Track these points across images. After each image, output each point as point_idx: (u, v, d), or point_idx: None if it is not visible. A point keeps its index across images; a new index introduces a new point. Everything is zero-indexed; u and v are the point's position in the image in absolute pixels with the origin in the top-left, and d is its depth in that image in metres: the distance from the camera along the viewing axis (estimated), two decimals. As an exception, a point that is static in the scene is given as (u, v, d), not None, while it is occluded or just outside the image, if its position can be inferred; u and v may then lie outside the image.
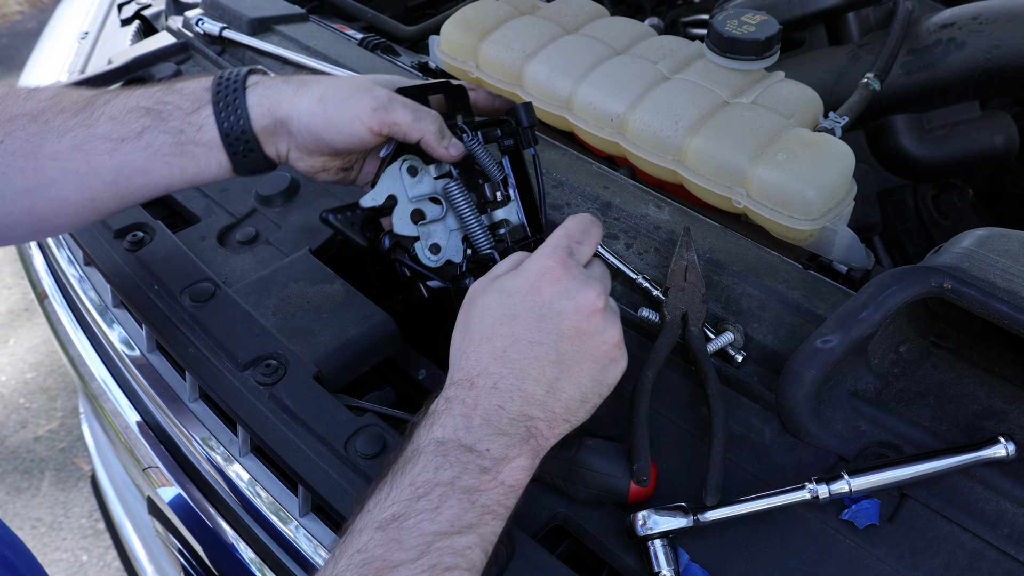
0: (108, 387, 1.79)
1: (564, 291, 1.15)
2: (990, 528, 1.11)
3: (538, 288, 1.16)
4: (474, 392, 1.11)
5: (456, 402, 1.10)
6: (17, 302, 4.64)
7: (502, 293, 1.17)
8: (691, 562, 1.12)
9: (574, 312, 1.14)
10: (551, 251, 1.20)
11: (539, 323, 1.14)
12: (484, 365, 1.12)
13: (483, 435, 1.07)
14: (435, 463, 1.04)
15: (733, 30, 1.62)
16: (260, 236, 1.64)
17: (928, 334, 1.32)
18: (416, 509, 1.00)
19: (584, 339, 1.14)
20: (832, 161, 1.45)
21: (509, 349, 1.12)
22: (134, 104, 1.30)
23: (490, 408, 1.09)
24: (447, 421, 1.08)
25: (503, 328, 1.14)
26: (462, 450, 1.05)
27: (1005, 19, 1.84)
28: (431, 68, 2.05)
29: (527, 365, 1.12)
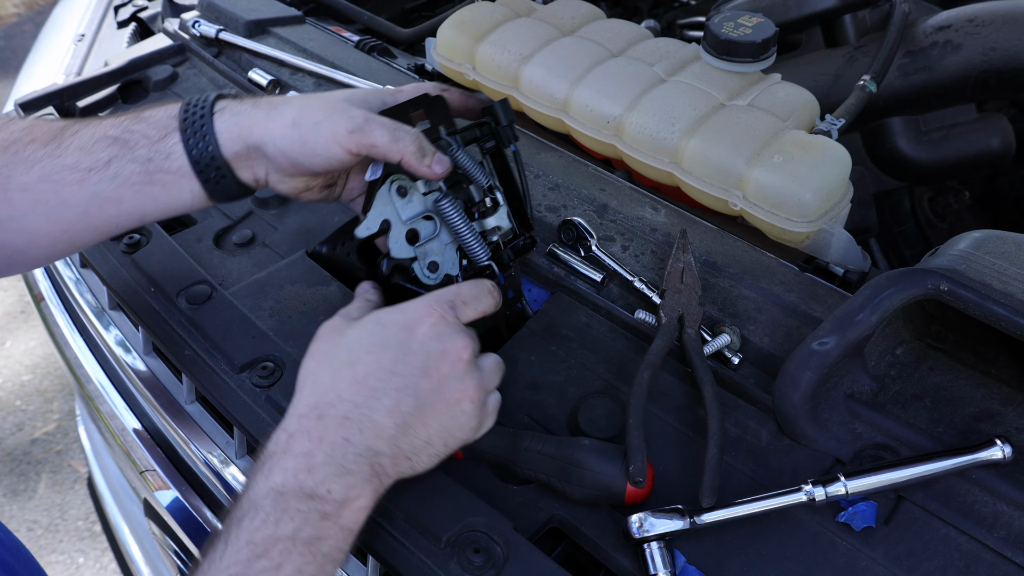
0: (104, 389, 1.79)
1: (436, 334, 1.16)
2: (986, 530, 1.12)
3: (412, 326, 1.16)
4: (321, 424, 1.09)
5: (300, 436, 1.08)
6: (13, 304, 4.64)
7: (377, 324, 1.18)
8: (688, 564, 1.12)
9: (441, 355, 1.15)
10: (435, 300, 1.20)
11: (404, 356, 1.14)
12: (339, 391, 1.11)
13: (325, 475, 1.05)
14: (275, 516, 1.02)
15: (729, 32, 1.62)
16: (256, 238, 1.64)
17: (925, 336, 1.32)
18: (255, 569, 0.99)
19: (444, 383, 1.14)
20: (828, 163, 1.45)
21: (370, 376, 1.12)
22: (101, 134, 1.27)
23: (336, 442, 1.07)
24: (287, 463, 1.06)
25: (369, 356, 1.14)
26: (302, 498, 1.03)
27: (1002, 21, 1.84)
28: (427, 70, 2.05)
29: (384, 395, 1.11)
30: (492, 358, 1.23)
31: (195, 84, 2.07)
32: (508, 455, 1.20)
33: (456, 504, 1.15)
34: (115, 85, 2.03)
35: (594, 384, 1.35)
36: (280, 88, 1.94)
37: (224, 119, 1.27)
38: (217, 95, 1.31)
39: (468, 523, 1.13)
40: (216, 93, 1.31)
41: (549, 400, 1.32)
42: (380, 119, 1.26)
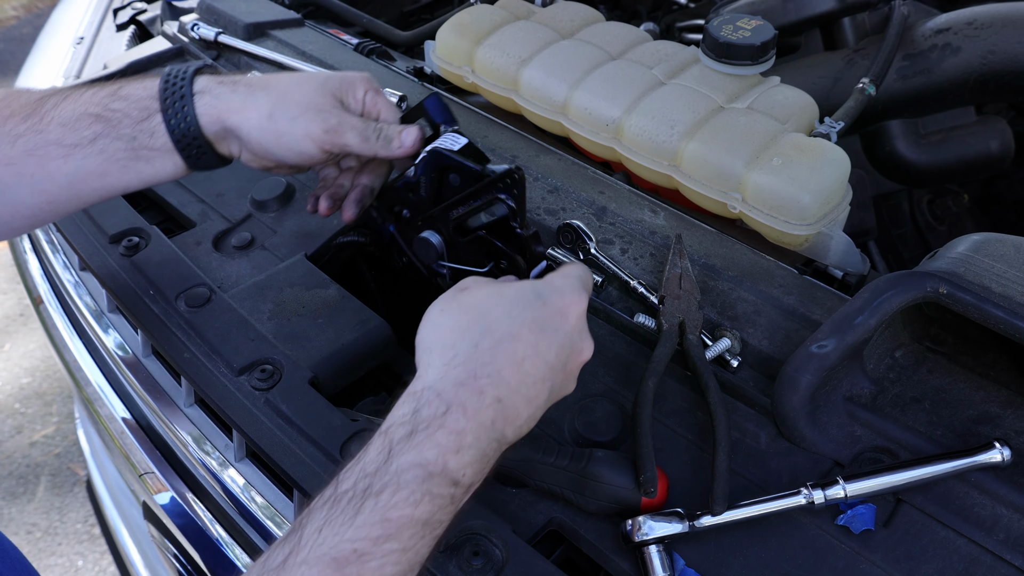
0: (104, 392, 1.79)
1: (580, 329, 1.13)
2: (985, 533, 1.12)
3: (568, 313, 1.12)
4: (479, 401, 1.02)
5: (457, 410, 1.01)
6: (12, 307, 4.64)
7: (538, 299, 1.11)
8: (687, 567, 1.12)
9: (579, 352, 1.13)
10: (581, 286, 1.17)
11: (559, 348, 1.10)
12: (499, 367, 1.05)
13: (469, 459, 1.00)
14: (416, 497, 0.96)
15: (729, 35, 1.62)
16: (256, 241, 1.64)
17: (924, 339, 1.32)
18: (383, 551, 0.93)
19: (568, 381, 1.13)
20: (827, 166, 1.45)
21: (527, 360, 1.07)
22: (82, 110, 1.29)
23: (484, 423, 1.02)
24: (440, 438, 0.99)
25: (530, 335, 1.08)
26: (446, 482, 0.98)
27: (1000, 24, 1.84)
28: (426, 73, 2.05)
29: (533, 384, 1.07)
30: None
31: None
32: (521, 467, 1.20)
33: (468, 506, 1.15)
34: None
35: (593, 387, 1.35)
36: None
37: (204, 102, 1.30)
38: (195, 70, 1.33)
39: (467, 526, 1.13)
40: (194, 68, 1.33)
41: (548, 403, 1.32)
42: (352, 120, 1.33)
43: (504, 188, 1.31)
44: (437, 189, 1.39)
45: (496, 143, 1.74)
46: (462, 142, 1.35)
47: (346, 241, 1.56)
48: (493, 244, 1.36)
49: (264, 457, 1.29)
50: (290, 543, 0.94)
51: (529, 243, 1.34)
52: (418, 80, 1.99)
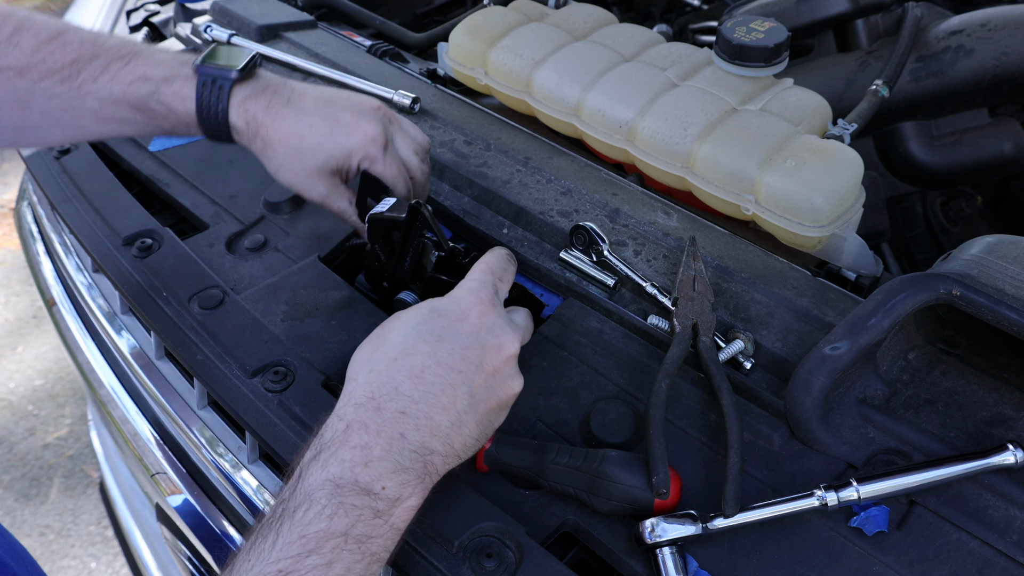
0: (117, 394, 1.79)
1: (491, 327, 1.16)
2: (999, 535, 1.11)
3: (468, 317, 1.16)
4: (379, 417, 1.07)
5: (358, 427, 1.06)
6: (25, 309, 4.65)
7: (432, 312, 1.17)
8: (700, 569, 1.12)
9: (496, 350, 1.15)
10: (480, 284, 1.21)
11: (463, 351, 1.13)
12: (396, 383, 1.10)
13: (381, 471, 1.04)
14: (329, 511, 0.99)
15: (742, 37, 1.62)
16: (269, 243, 1.64)
17: (937, 341, 1.32)
18: (306, 566, 0.96)
19: (496, 379, 1.15)
20: (841, 168, 1.44)
21: (427, 370, 1.11)
22: (121, 96, 1.36)
23: (393, 437, 1.06)
24: (344, 454, 1.04)
25: (426, 346, 1.12)
26: (358, 492, 1.02)
27: (1014, 26, 1.84)
28: (439, 75, 2.06)
29: (441, 391, 1.10)
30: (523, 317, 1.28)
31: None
32: (534, 468, 1.20)
33: (468, 509, 1.15)
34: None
35: (606, 389, 1.35)
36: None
37: (237, 114, 1.40)
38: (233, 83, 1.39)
39: (480, 528, 1.13)
40: (232, 80, 1.38)
41: (561, 405, 1.32)
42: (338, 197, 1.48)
43: (421, 225, 1.40)
44: (391, 251, 1.45)
45: (509, 145, 1.75)
46: (391, 202, 1.43)
47: (359, 243, 1.57)
48: (439, 279, 1.42)
49: (277, 459, 1.29)
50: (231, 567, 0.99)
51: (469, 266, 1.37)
52: (431, 82, 1.99)
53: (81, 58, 1.36)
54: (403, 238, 1.41)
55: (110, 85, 1.36)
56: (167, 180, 1.82)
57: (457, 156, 1.73)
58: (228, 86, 1.39)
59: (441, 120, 1.83)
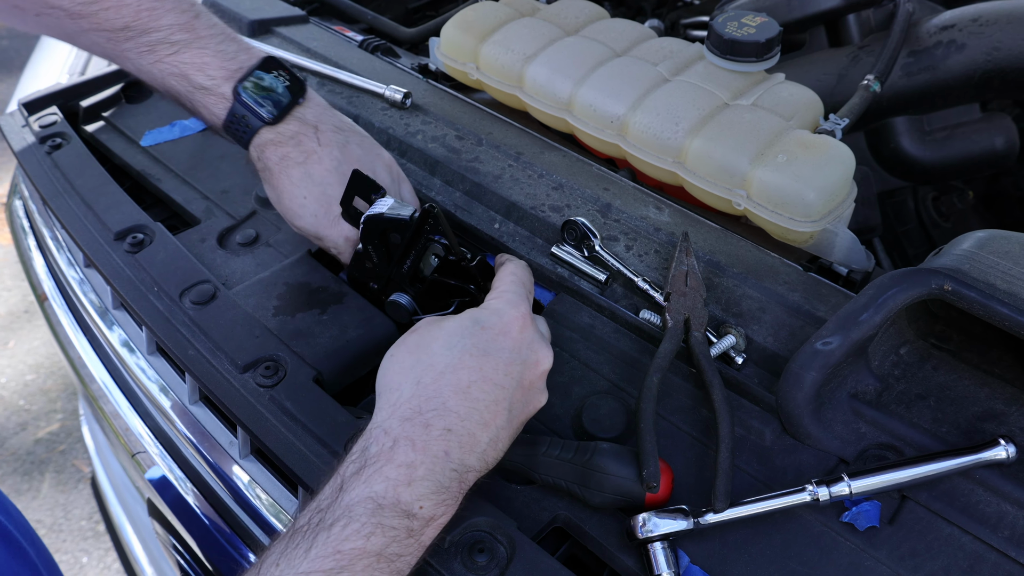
0: (108, 389, 1.79)
1: (530, 342, 1.16)
2: (990, 530, 1.11)
3: (510, 332, 1.16)
4: (427, 434, 1.06)
5: (404, 444, 1.05)
6: (17, 304, 4.64)
7: (476, 324, 1.16)
8: (691, 564, 1.12)
9: (535, 365, 1.16)
10: (517, 298, 1.21)
11: (507, 366, 1.13)
12: (444, 398, 1.09)
13: (423, 491, 1.03)
14: (367, 530, 0.98)
15: (733, 32, 1.62)
16: (260, 238, 1.64)
17: (928, 336, 1.32)
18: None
19: (531, 394, 1.16)
20: (832, 163, 1.44)
21: (474, 386, 1.10)
22: (160, 78, 1.44)
23: (437, 455, 1.05)
24: (389, 472, 1.03)
25: (472, 361, 1.12)
26: (398, 514, 1.01)
27: (1005, 21, 1.84)
28: (431, 70, 2.05)
29: (485, 408, 1.10)
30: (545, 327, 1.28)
31: None
32: (526, 461, 1.20)
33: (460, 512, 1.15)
34: (118, 85, 2.03)
35: (598, 384, 1.35)
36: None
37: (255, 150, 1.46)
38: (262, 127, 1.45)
39: (472, 523, 1.13)
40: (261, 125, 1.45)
41: (553, 400, 1.32)
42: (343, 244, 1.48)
43: (431, 229, 1.39)
44: (386, 253, 1.43)
45: (501, 140, 1.74)
46: (389, 203, 1.40)
47: None
48: (446, 283, 1.42)
49: (268, 454, 1.29)
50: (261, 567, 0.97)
51: (474, 271, 1.39)
52: (423, 77, 1.99)
53: (133, 26, 1.40)
54: (407, 241, 1.40)
55: (151, 66, 1.42)
56: (159, 175, 1.82)
57: (449, 151, 1.72)
58: (257, 127, 1.44)
59: (433, 115, 1.83)
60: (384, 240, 1.43)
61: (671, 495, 1.17)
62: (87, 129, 1.98)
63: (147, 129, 1.93)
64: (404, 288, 1.44)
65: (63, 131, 1.84)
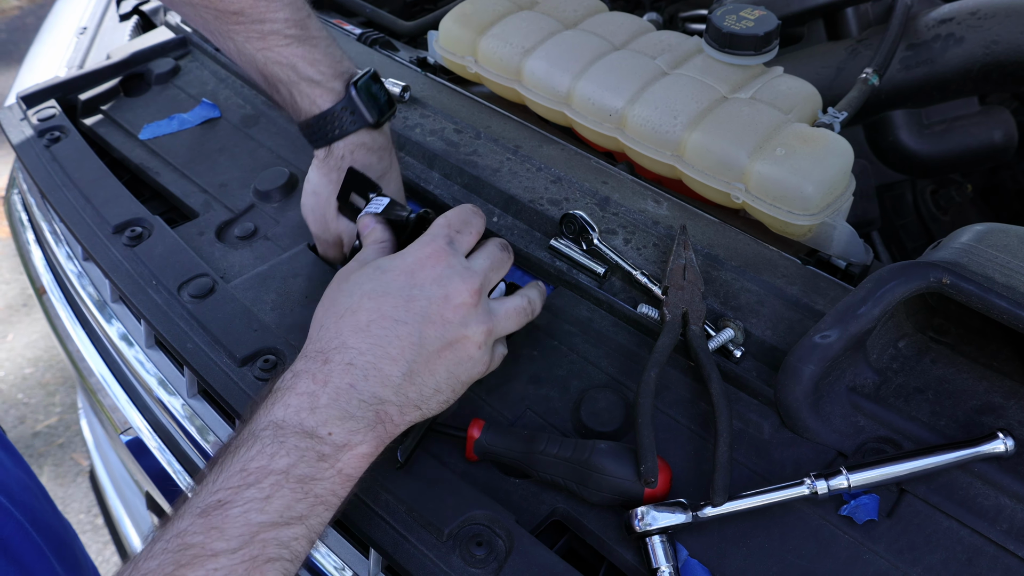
0: (107, 382, 1.79)
1: (437, 277, 1.17)
2: (989, 523, 1.11)
3: (413, 271, 1.17)
4: (327, 368, 1.09)
5: (304, 376, 1.09)
6: (15, 297, 4.64)
7: (376, 269, 1.19)
8: (690, 558, 1.12)
9: (443, 299, 1.15)
10: (431, 239, 1.22)
11: (407, 303, 1.14)
12: (343, 338, 1.12)
13: (327, 417, 1.05)
14: (271, 449, 1.02)
15: (732, 25, 1.62)
16: (258, 231, 1.64)
17: (927, 329, 1.32)
18: (244, 497, 0.98)
19: (448, 328, 1.15)
20: (831, 156, 1.45)
21: (373, 324, 1.12)
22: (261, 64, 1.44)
23: (340, 387, 1.08)
24: (290, 400, 1.07)
25: (370, 302, 1.14)
26: (301, 435, 1.04)
27: (1004, 14, 1.84)
28: (430, 63, 2.05)
29: (388, 343, 1.11)
30: (510, 303, 1.26)
31: (197, 77, 2.07)
32: (523, 459, 1.20)
33: (458, 497, 1.15)
34: (117, 78, 2.03)
35: (596, 378, 1.35)
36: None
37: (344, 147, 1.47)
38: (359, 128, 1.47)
39: (470, 516, 1.13)
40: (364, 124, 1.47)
41: (552, 394, 1.32)
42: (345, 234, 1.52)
43: None
44: None
45: (499, 133, 1.74)
46: (384, 202, 1.38)
47: None
48: None
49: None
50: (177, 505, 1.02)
51: None
52: (421, 70, 1.98)
53: (247, 13, 1.41)
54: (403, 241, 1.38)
55: (257, 52, 1.43)
56: (157, 168, 1.81)
57: (447, 144, 1.72)
58: (357, 127, 1.47)
59: (431, 108, 1.83)
60: None
61: (670, 490, 1.17)
62: (85, 122, 1.97)
63: (145, 122, 1.92)
64: None
65: (61, 124, 1.84)
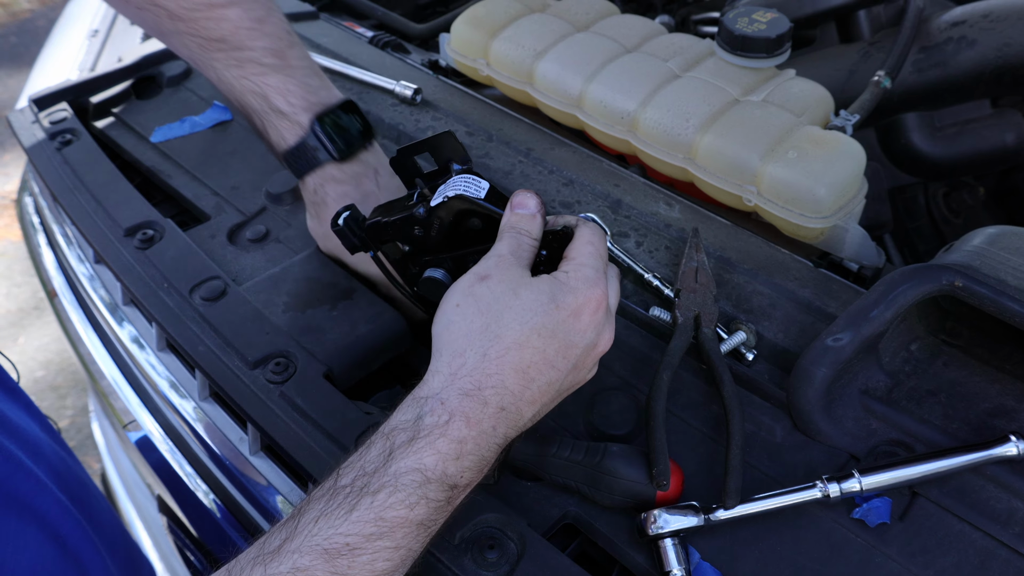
0: (118, 385, 1.79)
1: (597, 326, 1.11)
2: (1001, 526, 1.11)
3: (580, 315, 1.10)
4: (483, 412, 1.03)
5: (459, 420, 1.02)
6: (27, 300, 4.65)
7: (552, 301, 1.09)
8: (702, 561, 1.12)
9: (591, 348, 1.12)
10: (597, 275, 1.14)
11: (567, 349, 1.09)
12: (503, 377, 1.05)
13: (468, 465, 1.02)
14: (412, 500, 0.97)
15: (744, 28, 1.62)
16: (270, 234, 1.64)
17: (939, 332, 1.32)
18: (375, 547, 0.95)
19: (580, 373, 1.13)
20: (843, 159, 1.44)
21: (533, 367, 1.06)
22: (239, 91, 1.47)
23: (486, 431, 1.03)
24: (442, 447, 1.00)
25: (539, 341, 1.07)
26: (443, 487, 1.00)
27: (1017, 17, 1.84)
28: (441, 66, 2.05)
29: (537, 388, 1.07)
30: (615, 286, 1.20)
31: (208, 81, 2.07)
32: (535, 462, 1.19)
33: (470, 500, 1.14)
34: (128, 81, 2.03)
35: (608, 380, 1.35)
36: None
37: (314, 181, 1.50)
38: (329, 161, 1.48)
39: (482, 519, 1.13)
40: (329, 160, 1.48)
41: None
42: None
43: None
44: (451, 230, 1.30)
45: (511, 136, 1.74)
46: (485, 187, 1.27)
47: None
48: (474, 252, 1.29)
49: (279, 450, 1.29)
50: (287, 529, 0.96)
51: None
52: (433, 73, 1.99)
53: (228, 40, 1.44)
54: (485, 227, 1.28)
55: (233, 80, 1.46)
56: (169, 171, 1.82)
57: (459, 147, 1.72)
58: (323, 161, 1.47)
59: (443, 111, 1.83)
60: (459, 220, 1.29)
61: (682, 493, 1.17)
62: (97, 125, 1.98)
63: (157, 125, 1.92)
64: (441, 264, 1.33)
65: (73, 127, 1.85)
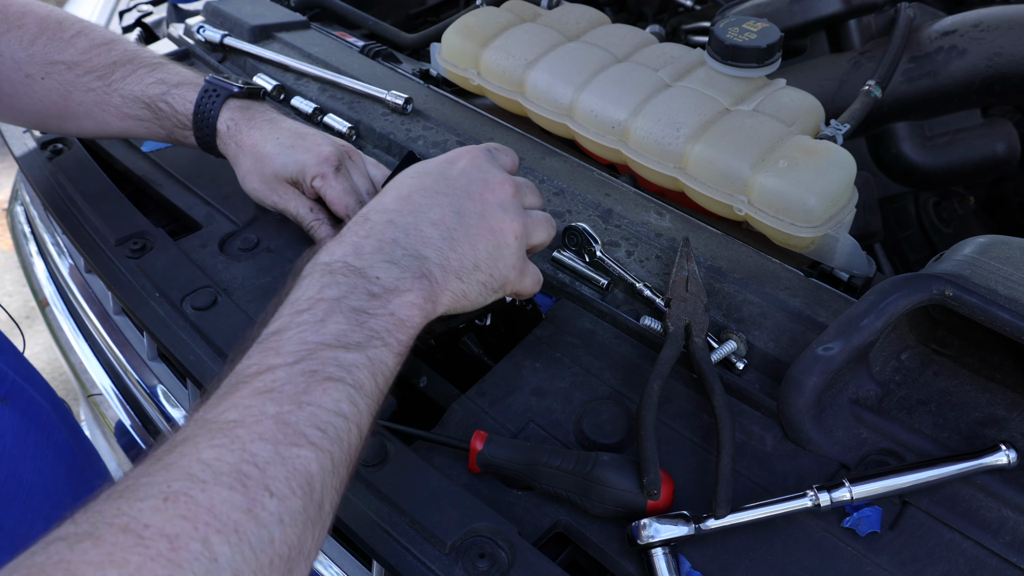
0: (109, 395, 1.78)
1: (478, 166, 1.23)
2: (991, 536, 1.11)
3: (453, 159, 1.24)
4: (367, 224, 1.14)
5: (348, 233, 1.14)
6: (18, 309, 4.64)
7: (422, 163, 1.26)
8: (692, 570, 1.11)
9: (483, 182, 1.21)
10: (470, 146, 1.29)
11: (447, 180, 1.20)
12: (384, 203, 1.18)
13: (373, 262, 1.09)
14: (320, 282, 1.05)
15: (734, 37, 1.62)
16: (261, 243, 1.64)
17: (930, 341, 1.32)
18: (297, 322, 1.01)
19: (486, 207, 1.20)
20: (833, 168, 1.45)
21: (414, 194, 1.18)
22: (140, 93, 1.58)
23: (383, 239, 1.12)
24: (335, 248, 1.11)
25: (412, 180, 1.21)
26: (350, 271, 1.07)
27: (1007, 26, 1.84)
28: (432, 76, 2.06)
29: (428, 209, 1.16)
30: (541, 213, 1.30)
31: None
32: (526, 471, 1.19)
33: (461, 509, 1.14)
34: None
35: (599, 390, 1.35)
36: (284, 93, 1.94)
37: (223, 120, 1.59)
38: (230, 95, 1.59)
39: (473, 528, 1.13)
40: (230, 93, 1.59)
41: (555, 406, 1.32)
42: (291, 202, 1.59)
43: None
44: None
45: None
46: None
47: None
48: None
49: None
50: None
51: None
52: (424, 83, 1.99)
53: (119, 61, 1.59)
54: None
55: (133, 85, 1.58)
56: (160, 180, 1.81)
57: (450, 156, 1.73)
58: (225, 96, 1.58)
59: (434, 120, 1.83)
60: None
61: (672, 502, 1.17)
62: (88, 135, 1.98)
63: (148, 135, 1.92)
64: None
65: (64, 137, 1.85)
